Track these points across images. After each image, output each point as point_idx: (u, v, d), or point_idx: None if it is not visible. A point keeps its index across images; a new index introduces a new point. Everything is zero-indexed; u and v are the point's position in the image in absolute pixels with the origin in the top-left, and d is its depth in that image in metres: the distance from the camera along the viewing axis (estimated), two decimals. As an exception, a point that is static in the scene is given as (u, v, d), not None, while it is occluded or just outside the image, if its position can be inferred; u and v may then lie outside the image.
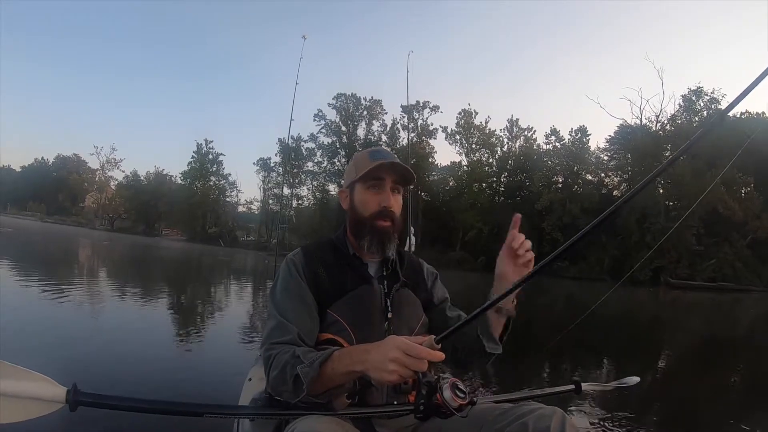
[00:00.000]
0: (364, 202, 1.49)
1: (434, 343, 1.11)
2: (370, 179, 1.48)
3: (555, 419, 1.14)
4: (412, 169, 1.52)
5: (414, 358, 1.08)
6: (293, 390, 1.21)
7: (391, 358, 1.09)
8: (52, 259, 17.64)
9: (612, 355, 7.61)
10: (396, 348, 1.09)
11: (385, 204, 1.47)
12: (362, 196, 1.49)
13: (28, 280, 10.03)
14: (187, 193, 64.28)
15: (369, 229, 1.46)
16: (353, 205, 1.51)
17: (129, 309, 8.23)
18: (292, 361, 1.23)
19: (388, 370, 1.09)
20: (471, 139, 54.51)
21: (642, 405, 4.36)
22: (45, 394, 1.15)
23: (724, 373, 6.81)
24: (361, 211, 1.48)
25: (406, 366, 1.08)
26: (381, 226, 1.47)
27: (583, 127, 48.53)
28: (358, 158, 1.54)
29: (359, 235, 1.49)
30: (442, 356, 1.10)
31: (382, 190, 1.48)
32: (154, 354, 5.19)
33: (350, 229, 1.53)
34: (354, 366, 1.16)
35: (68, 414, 1.18)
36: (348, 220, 1.54)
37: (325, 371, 1.19)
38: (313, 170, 59.38)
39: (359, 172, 1.48)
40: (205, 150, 65.93)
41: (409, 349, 1.08)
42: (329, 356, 1.20)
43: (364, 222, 1.47)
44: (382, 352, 1.11)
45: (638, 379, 1.97)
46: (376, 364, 1.11)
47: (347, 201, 1.54)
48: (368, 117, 58.96)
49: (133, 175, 76.86)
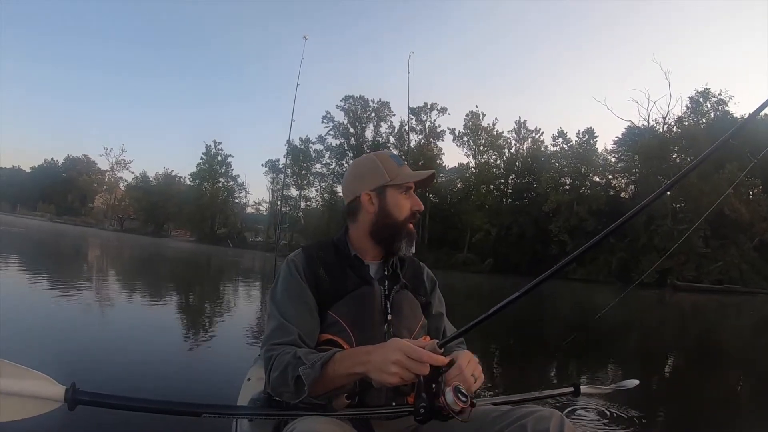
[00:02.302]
0: (400, 206, 1.49)
1: (437, 348, 1.12)
2: (404, 186, 1.50)
3: (554, 422, 1.13)
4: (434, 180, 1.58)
5: (416, 362, 1.08)
6: (294, 391, 1.21)
7: (393, 360, 1.09)
8: (59, 259, 17.80)
9: (613, 358, 7.56)
10: (398, 350, 1.10)
11: (417, 208, 1.52)
12: (397, 200, 1.49)
13: (33, 279, 10.10)
14: (195, 194, 64.83)
15: (404, 231, 1.50)
16: (385, 209, 1.49)
17: (131, 309, 8.26)
18: (294, 362, 1.22)
19: (389, 372, 1.09)
20: (479, 141, 54.55)
21: (642, 408, 4.32)
22: (44, 393, 1.15)
23: (727, 376, 6.74)
24: (397, 215, 1.49)
25: (407, 369, 1.08)
26: (411, 228, 1.51)
27: (590, 129, 48.63)
28: (384, 161, 1.53)
29: (392, 239, 1.49)
30: (445, 360, 1.11)
31: (410, 194, 1.52)
32: (154, 353, 5.19)
33: (373, 231, 1.51)
34: (355, 368, 1.17)
35: (67, 413, 1.18)
36: (370, 222, 1.51)
37: (326, 372, 1.19)
38: (322, 172, 59.59)
39: (393, 177, 1.48)
40: (214, 151, 66.47)
41: (411, 352, 1.09)
42: (331, 357, 1.20)
43: (399, 225, 1.48)
44: (384, 354, 1.12)
45: (637, 381, 1.96)
46: (377, 365, 1.12)
47: (374, 204, 1.51)
48: (376, 119, 59.11)
49: (142, 176, 77.63)
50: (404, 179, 1.49)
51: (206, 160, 66.08)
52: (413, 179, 1.49)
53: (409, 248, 1.51)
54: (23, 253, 16.98)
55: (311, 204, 61.17)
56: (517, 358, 7.29)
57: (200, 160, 66.29)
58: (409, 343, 1.12)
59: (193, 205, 63.91)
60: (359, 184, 1.53)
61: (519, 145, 54.32)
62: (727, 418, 4.57)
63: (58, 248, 22.95)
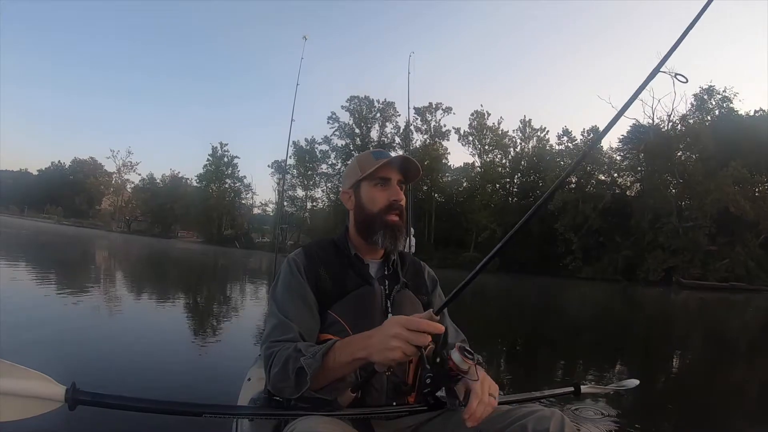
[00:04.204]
0: (372, 198, 1.48)
1: (433, 316, 1.14)
2: (376, 177, 1.48)
3: (554, 421, 1.14)
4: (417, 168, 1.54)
5: (415, 332, 1.09)
6: (296, 384, 1.20)
7: (392, 334, 1.09)
8: (64, 259, 17.87)
9: (614, 357, 7.53)
10: (397, 324, 1.11)
11: (394, 198, 1.48)
12: (370, 193, 1.49)
13: (35, 280, 10.16)
14: (202, 196, 65.14)
15: (380, 224, 1.46)
16: (360, 204, 1.51)
17: (132, 309, 8.30)
18: (295, 354, 1.22)
19: (391, 347, 1.09)
20: (484, 140, 54.46)
21: (642, 408, 4.31)
22: (44, 393, 1.15)
23: (730, 375, 6.71)
24: (370, 207, 1.48)
25: (408, 341, 1.08)
26: (392, 221, 1.46)
27: (595, 128, 48.36)
28: (361, 159, 1.55)
29: (370, 232, 1.48)
30: (443, 328, 1.11)
31: (389, 186, 1.49)
32: (155, 353, 5.21)
33: (357, 228, 1.52)
34: (357, 353, 1.16)
35: (68, 413, 1.18)
36: (353, 219, 1.54)
37: (327, 362, 1.18)
38: (327, 172, 59.67)
39: (365, 171, 1.48)
40: (220, 153, 66.75)
41: (409, 324, 1.10)
42: (331, 347, 1.20)
43: (374, 218, 1.47)
44: (383, 333, 1.12)
45: (638, 381, 1.95)
46: (378, 345, 1.12)
47: (352, 201, 1.54)
48: (381, 119, 59.10)
49: (149, 178, 77.96)
50: (372, 168, 1.47)
51: (213, 161, 66.39)
52: (375, 166, 1.47)
53: (395, 242, 1.47)
54: (26, 254, 17.06)
55: (317, 204, 61.41)
56: (521, 357, 7.29)
57: (207, 162, 66.72)
58: (404, 316, 1.14)
59: (200, 207, 64.20)
60: (343, 185, 1.58)
61: (524, 144, 54.27)
62: (728, 418, 4.54)
63: (64, 250, 23.05)
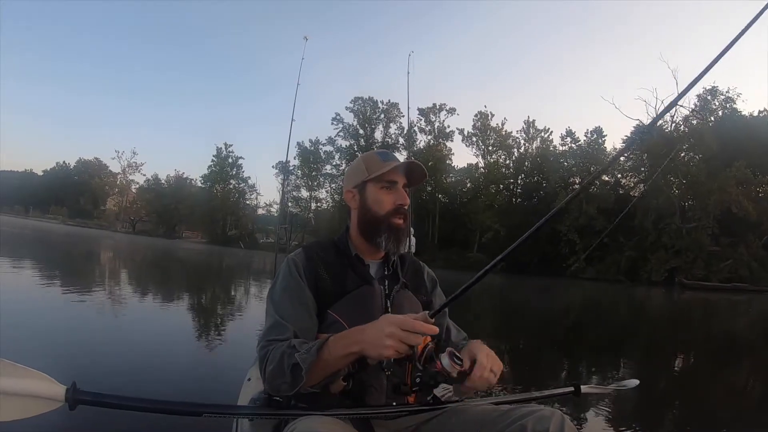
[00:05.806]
0: (378, 201, 1.48)
1: (428, 318, 1.15)
2: (383, 180, 1.48)
3: (554, 421, 1.13)
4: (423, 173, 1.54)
5: (410, 332, 1.11)
6: (291, 381, 1.20)
7: (387, 333, 1.12)
8: (67, 260, 17.96)
9: (614, 357, 7.52)
10: (391, 323, 1.13)
11: (400, 202, 1.49)
12: (376, 195, 1.49)
13: (37, 280, 10.16)
14: (207, 197, 65.31)
15: (385, 227, 1.46)
16: (365, 205, 1.50)
17: (134, 308, 8.32)
18: (289, 351, 1.22)
19: (384, 345, 1.12)
20: (488, 141, 54.37)
21: (642, 408, 4.29)
22: (44, 393, 1.15)
23: (730, 375, 6.69)
24: (376, 209, 1.48)
25: (401, 340, 1.11)
26: (397, 224, 1.47)
27: (598, 128, 48.44)
28: (368, 159, 1.55)
29: (374, 234, 1.48)
30: (437, 329, 1.14)
31: (396, 189, 1.49)
32: (156, 353, 5.22)
33: (360, 228, 1.52)
34: (351, 347, 1.18)
35: (68, 413, 1.18)
36: (356, 219, 1.54)
37: (322, 357, 1.19)
38: (332, 173, 59.71)
39: (372, 172, 1.48)
40: (225, 153, 66.88)
41: (404, 324, 1.12)
42: (326, 341, 1.21)
43: (379, 220, 1.47)
44: (377, 329, 1.14)
45: (638, 381, 1.94)
46: (372, 341, 1.14)
47: (356, 200, 1.53)
48: (385, 120, 59.08)
49: (153, 178, 78.14)
50: (380, 172, 1.47)
51: (217, 162, 66.49)
52: (385, 170, 1.47)
53: (397, 245, 1.48)
54: (30, 254, 17.09)
55: (322, 205, 61.50)
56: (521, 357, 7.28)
57: (211, 162, 66.82)
58: (400, 315, 1.16)
59: (204, 207, 64.30)
60: (346, 183, 1.57)
61: (528, 144, 54.14)
62: (728, 418, 4.51)
63: (68, 250, 23.13)
